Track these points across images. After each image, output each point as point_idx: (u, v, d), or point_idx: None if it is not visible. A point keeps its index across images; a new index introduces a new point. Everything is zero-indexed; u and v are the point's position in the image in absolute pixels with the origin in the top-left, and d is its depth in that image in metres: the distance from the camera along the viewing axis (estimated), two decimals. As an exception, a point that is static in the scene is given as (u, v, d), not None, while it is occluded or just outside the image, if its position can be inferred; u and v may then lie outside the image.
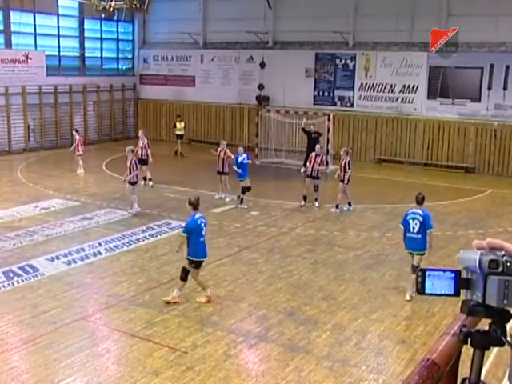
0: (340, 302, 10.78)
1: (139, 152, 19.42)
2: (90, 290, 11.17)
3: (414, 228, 10.85)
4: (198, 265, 10.52)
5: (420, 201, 11.06)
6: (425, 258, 13.18)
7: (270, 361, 8.60)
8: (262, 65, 28.90)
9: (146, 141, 19.85)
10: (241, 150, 18.30)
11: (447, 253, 13.63)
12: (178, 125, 27.38)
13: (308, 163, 18.30)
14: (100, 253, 13.20)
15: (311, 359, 8.64)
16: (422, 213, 10.86)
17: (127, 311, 10.15)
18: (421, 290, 1.64)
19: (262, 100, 28.68)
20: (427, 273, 1.63)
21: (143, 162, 19.31)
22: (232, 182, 18.27)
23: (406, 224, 10.97)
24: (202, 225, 10.61)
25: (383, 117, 26.15)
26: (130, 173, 16.61)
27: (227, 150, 18.45)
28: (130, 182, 16.75)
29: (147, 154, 19.57)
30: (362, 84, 26.67)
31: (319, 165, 17.90)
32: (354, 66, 26.76)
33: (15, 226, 15.24)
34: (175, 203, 17.99)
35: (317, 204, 17.81)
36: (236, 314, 10.18)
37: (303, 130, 23.74)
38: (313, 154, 18.15)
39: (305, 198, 17.99)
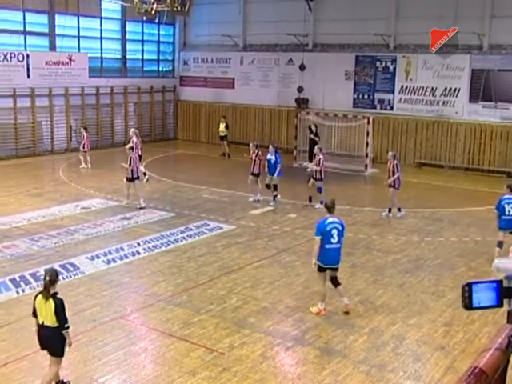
0: (378, 307, 10.68)
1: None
2: (129, 289, 11.30)
3: (509, 211, 12.47)
4: (321, 270, 10.15)
5: None
6: (466, 263, 13.03)
7: (306, 364, 8.57)
8: (302, 67, 28.86)
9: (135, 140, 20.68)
10: (270, 148, 18.40)
11: (488, 259, 13.34)
12: (220, 126, 27.65)
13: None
14: (139, 252, 13.35)
15: (348, 363, 8.58)
16: None
17: (165, 311, 10.24)
18: (468, 304, 1.59)
19: (302, 102, 28.65)
20: (473, 287, 1.58)
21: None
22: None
23: (500, 209, 12.52)
24: (334, 230, 10.03)
25: (424, 120, 25.85)
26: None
27: (259, 152, 18.49)
28: (127, 179, 17.50)
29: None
30: (402, 87, 26.41)
31: (315, 165, 17.92)
32: (395, 68, 26.52)
33: (57, 224, 15.52)
34: (213, 204, 18.08)
35: (317, 206, 17.61)
36: (273, 317, 10.17)
37: (309, 127, 24.80)
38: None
39: (310, 198, 18.16)
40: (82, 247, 13.64)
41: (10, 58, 25.21)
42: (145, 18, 26.45)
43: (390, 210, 17.19)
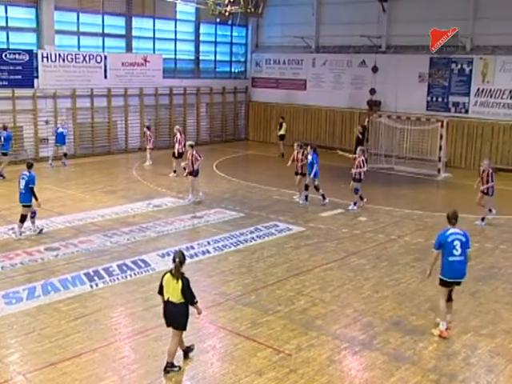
0: (449, 314, 10.43)
1: (176, 146, 21.74)
2: (198, 287, 11.39)
3: None
4: (445, 284, 9.67)
5: None
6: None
7: (374, 369, 8.47)
8: (375, 69, 28.53)
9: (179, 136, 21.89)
10: (309, 148, 18.43)
11: None
12: (279, 126, 27.90)
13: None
14: (208, 251, 13.51)
15: (417, 371, 8.42)
16: None
17: (233, 310, 10.33)
18: None
19: (374, 105, 28.31)
20: None
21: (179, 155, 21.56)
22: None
23: None
24: (456, 241, 9.53)
25: (500, 124, 25.05)
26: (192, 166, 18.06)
27: (304, 151, 18.42)
28: (190, 174, 18.21)
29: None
30: (478, 89, 25.69)
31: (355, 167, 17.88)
32: (471, 70, 25.82)
33: (130, 221, 15.91)
34: (283, 206, 18.10)
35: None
36: (341, 320, 10.10)
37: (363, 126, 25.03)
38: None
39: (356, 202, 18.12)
40: (154, 244, 13.93)
41: (89, 59, 26.05)
42: (218, 19, 26.79)
43: (483, 219, 16.69)
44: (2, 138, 21.28)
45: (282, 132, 27.89)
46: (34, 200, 14.29)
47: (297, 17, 30.76)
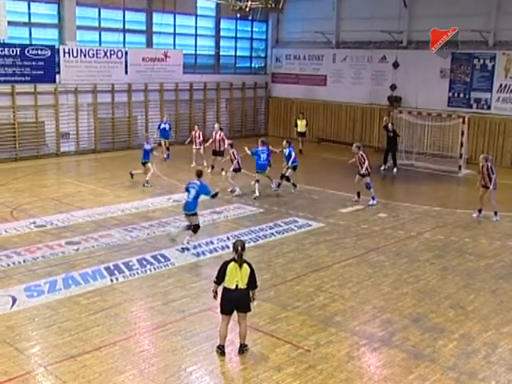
0: (469, 312, 10.35)
1: (215, 144, 21.91)
2: (218, 282, 11.47)
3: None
4: None
5: None
6: None
7: (392, 366, 8.42)
8: (395, 65, 28.32)
9: (222, 133, 22.09)
10: (284, 143, 19.47)
11: None
12: (298, 122, 27.53)
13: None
14: (228, 246, 13.51)
15: (436, 368, 8.37)
16: None
17: (252, 305, 10.32)
18: None
19: (394, 101, 28.12)
20: None
21: (219, 153, 21.81)
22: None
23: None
24: None
25: (523, 120, 24.75)
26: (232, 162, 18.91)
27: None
28: (233, 170, 18.94)
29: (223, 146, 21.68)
30: (501, 85, 25.38)
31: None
32: (493, 66, 25.50)
33: (150, 216, 15.99)
34: (303, 201, 18.07)
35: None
36: (360, 316, 10.07)
37: (384, 127, 24.31)
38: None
39: (358, 194, 18.17)
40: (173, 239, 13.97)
41: (110, 54, 26.17)
42: (239, 15, 26.74)
43: (480, 211, 16.63)
44: None
45: (299, 129, 27.60)
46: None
47: (317, 12, 30.61)
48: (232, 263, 8.48)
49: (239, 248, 8.44)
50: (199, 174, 13.84)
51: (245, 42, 33.01)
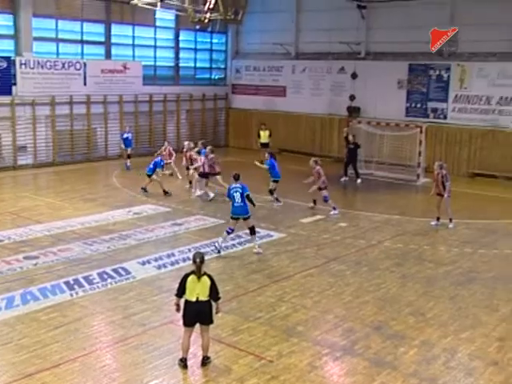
0: (428, 319, 10.50)
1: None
2: (179, 294, 11.41)
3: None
4: None
5: None
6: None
7: (355, 375, 8.49)
8: (354, 75, 28.72)
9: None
10: (266, 155, 19.78)
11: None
12: (261, 133, 27.57)
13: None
14: (189, 259, 13.33)
15: (398, 375, 8.46)
16: None
17: (214, 317, 10.28)
18: None
19: (353, 111, 28.47)
20: None
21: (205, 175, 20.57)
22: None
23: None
24: None
25: (478, 130, 25.31)
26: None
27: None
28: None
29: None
30: (456, 96, 25.96)
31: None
32: (449, 77, 26.09)
33: (110, 229, 15.82)
34: (264, 212, 18.10)
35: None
36: (322, 326, 10.12)
37: (345, 138, 24.43)
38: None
39: (314, 201, 18.55)
40: (134, 252, 13.87)
41: (68, 66, 25.90)
42: (198, 26, 26.78)
43: (438, 219, 16.95)
44: None
45: (262, 140, 27.58)
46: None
47: (276, 24, 30.86)
48: (192, 276, 8.47)
49: (197, 260, 8.44)
50: (237, 177, 14.16)
51: (204, 53, 33.06)
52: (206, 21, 24.21)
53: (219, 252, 13.84)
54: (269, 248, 14.50)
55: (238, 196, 13.81)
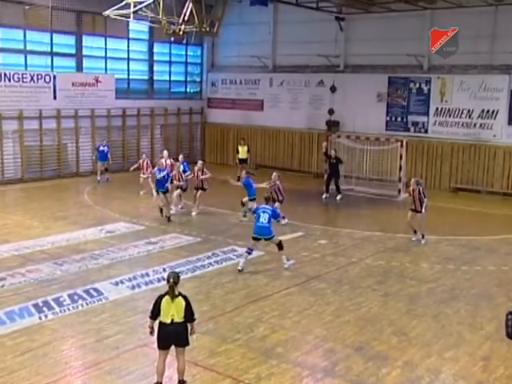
0: (411, 338, 10.53)
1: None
2: (154, 316, 11.31)
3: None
4: None
5: None
6: (505, 294, 12.80)
7: (336, 397, 8.47)
8: (333, 89, 28.97)
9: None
10: (243, 173, 19.93)
11: (530, 291, 13.18)
12: (240, 149, 27.60)
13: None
14: (164, 278, 13.31)
15: (380, 397, 8.47)
16: None
17: (190, 339, 10.20)
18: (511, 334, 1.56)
19: (332, 125, 28.69)
20: None
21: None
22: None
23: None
24: None
25: (459, 143, 25.66)
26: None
27: None
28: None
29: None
30: (437, 109, 26.30)
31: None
32: (429, 90, 26.43)
33: (81, 248, 15.68)
34: (241, 229, 18.08)
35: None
36: (302, 347, 10.10)
37: (325, 153, 24.30)
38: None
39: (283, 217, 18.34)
40: (106, 272, 13.74)
41: (37, 79, 25.76)
42: (172, 39, 26.82)
43: (423, 236, 17.09)
44: None
45: (240, 156, 27.58)
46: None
47: (253, 36, 31.05)
48: (166, 296, 8.42)
49: (170, 280, 8.39)
50: (268, 199, 14.84)
51: (179, 66, 33.12)
52: (181, 33, 24.27)
53: (240, 270, 13.99)
54: (246, 267, 14.41)
55: (265, 217, 14.06)
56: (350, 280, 13.72)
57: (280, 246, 14.36)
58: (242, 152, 27.51)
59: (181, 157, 22.22)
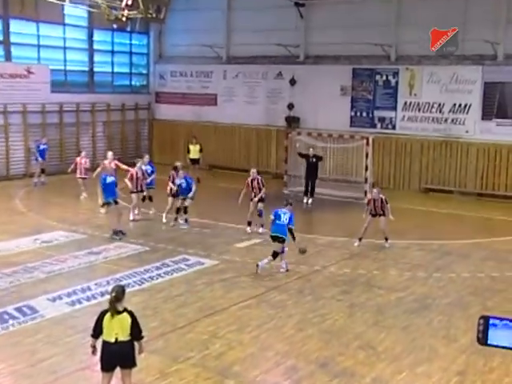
0: (380, 352, 10.63)
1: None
2: (96, 334, 11.18)
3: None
4: None
5: None
6: (481, 303, 13.02)
7: (299, 419, 8.50)
8: (292, 82, 29.11)
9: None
10: (180, 173, 19.77)
11: (507, 297, 13.46)
12: (191, 148, 27.50)
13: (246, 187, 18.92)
14: (108, 292, 13.22)
15: (347, 418, 8.53)
16: None
17: (138, 359, 10.11)
18: (482, 340, 1.59)
19: (292, 121, 28.84)
20: (490, 321, 1.57)
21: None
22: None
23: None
24: None
25: (430, 140, 26.07)
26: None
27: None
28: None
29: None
30: (405, 103, 26.68)
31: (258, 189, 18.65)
32: (397, 82, 26.80)
33: (13, 261, 15.38)
34: (193, 237, 18.04)
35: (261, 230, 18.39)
36: (261, 364, 10.10)
37: (299, 154, 24.22)
38: (248, 179, 18.88)
39: (249, 223, 18.62)
40: (42, 287, 13.52)
41: (-40, 70, 25.31)
42: (115, 26, 26.60)
43: (386, 239, 17.38)
44: None
45: (192, 156, 27.47)
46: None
47: (205, 23, 30.98)
48: (108, 314, 8.31)
49: (112, 295, 8.30)
50: (288, 204, 15.33)
51: (123, 56, 32.88)
52: (124, 19, 24.09)
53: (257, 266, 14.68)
54: (200, 277, 14.43)
55: (286, 217, 14.88)
56: (312, 290, 13.79)
57: (276, 255, 14.85)
58: (194, 151, 27.43)
59: (147, 157, 21.76)
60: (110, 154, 22.32)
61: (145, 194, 20.72)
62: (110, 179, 18.17)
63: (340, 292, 13.71)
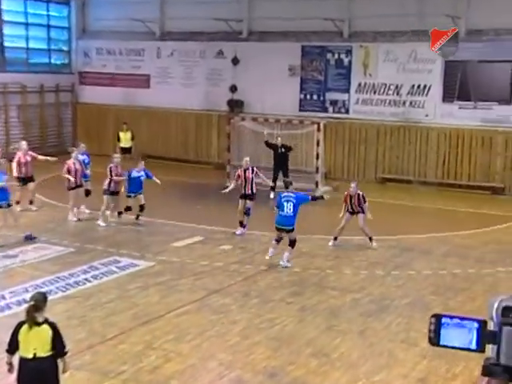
0: (334, 360, 10.74)
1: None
2: (15, 347, 11.02)
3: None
4: None
5: None
6: (442, 303, 13.28)
7: None
8: (235, 61, 29.10)
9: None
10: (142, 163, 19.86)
11: (470, 296, 13.73)
12: (122, 135, 27.29)
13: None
14: (26, 301, 13.03)
15: (299, 433, 8.60)
16: None
17: (61, 378, 10.00)
18: (434, 340, 1.62)
19: (235, 105, 28.83)
20: (443, 320, 1.60)
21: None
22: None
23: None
24: None
25: (386, 125, 26.38)
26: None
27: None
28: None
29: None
30: (359, 84, 26.91)
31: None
32: (350, 61, 27.01)
33: None
34: (125, 235, 17.93)
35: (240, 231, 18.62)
36: (203, 377, 10.11)
37: (266, 143, 24.18)
38: (239, 170, 19.20)
39: (241, 223, 18.75)
40: None
41: None
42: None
43: (370, 239, 17.44)
44: None
45: (123, 144, 27.28)
46: None
47: (135, -6, 30.75)
48: (25, 326, 8.16)
49: (31, 303, 8.17)
50: (288, 185, 16.05)
51: (40, 29, 32.28)
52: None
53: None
54: (133, 281, 14.35)
55: (289, 206, 15.38)
56: (259, 292, 13.85)
57: (293, 243, 15.58)
58: (125, 139, 27.24)
59: (82, 146, 21.50)
60: (23, 144, 21.09)
61: (84, 187, 20.27)
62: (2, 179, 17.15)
63: (289, 294, 13.80)
